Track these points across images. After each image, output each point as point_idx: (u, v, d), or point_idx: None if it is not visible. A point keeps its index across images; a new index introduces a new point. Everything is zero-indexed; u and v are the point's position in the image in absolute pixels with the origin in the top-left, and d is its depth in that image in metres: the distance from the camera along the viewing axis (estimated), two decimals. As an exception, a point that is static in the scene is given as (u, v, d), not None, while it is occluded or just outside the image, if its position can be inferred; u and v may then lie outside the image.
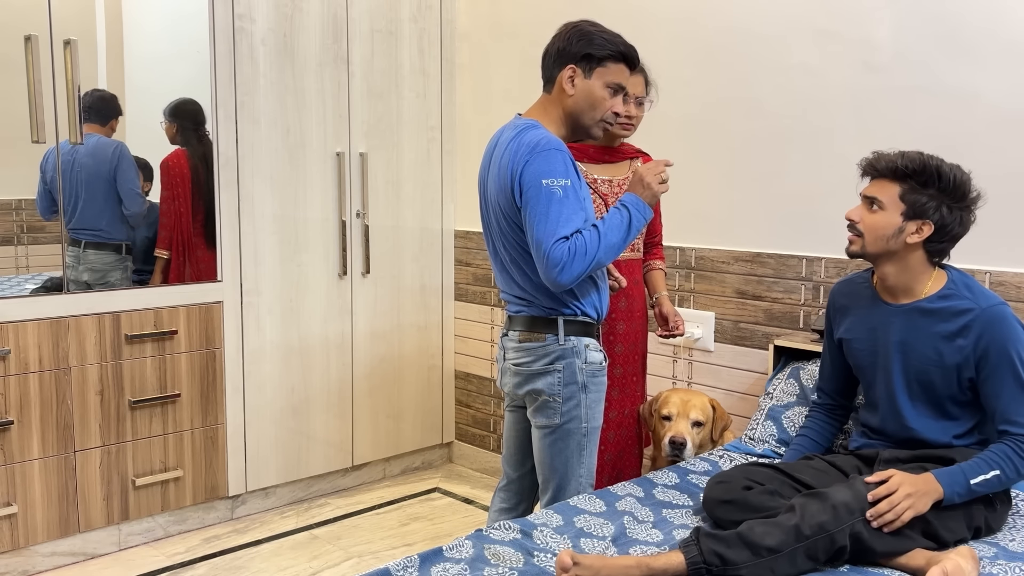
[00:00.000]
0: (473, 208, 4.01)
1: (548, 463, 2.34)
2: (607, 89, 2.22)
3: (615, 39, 2.22)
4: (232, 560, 3.16)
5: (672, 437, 2.63)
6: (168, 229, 3.29)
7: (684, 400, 2.70)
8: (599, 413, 2.34)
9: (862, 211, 2.15)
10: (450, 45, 3.98)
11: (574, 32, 2.23)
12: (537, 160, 2.12)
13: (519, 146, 2.16)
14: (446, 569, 1.88)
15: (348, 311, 3.73)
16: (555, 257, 2.08)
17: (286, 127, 3.47)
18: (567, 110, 2.24)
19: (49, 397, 3.00)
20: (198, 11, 3.22)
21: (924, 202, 2.06)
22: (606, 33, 2.22)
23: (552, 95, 2.26)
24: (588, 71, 2.21)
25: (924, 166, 2.06)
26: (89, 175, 3.11)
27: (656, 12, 3.29)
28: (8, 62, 2.87)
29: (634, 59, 2.25)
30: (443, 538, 3.29)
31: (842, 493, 1.93)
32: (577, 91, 2.22)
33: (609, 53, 2.20)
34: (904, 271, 2.14)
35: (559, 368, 2.27)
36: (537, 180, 2.11)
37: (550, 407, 2.29)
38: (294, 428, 3.61)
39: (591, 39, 2.20)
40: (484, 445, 4.08)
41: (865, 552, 1.91)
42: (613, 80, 2.22)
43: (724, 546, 1.85)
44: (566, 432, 2.30)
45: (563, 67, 2.22)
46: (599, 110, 2.23)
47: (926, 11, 2.65)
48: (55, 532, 3.05)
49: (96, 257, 3.15)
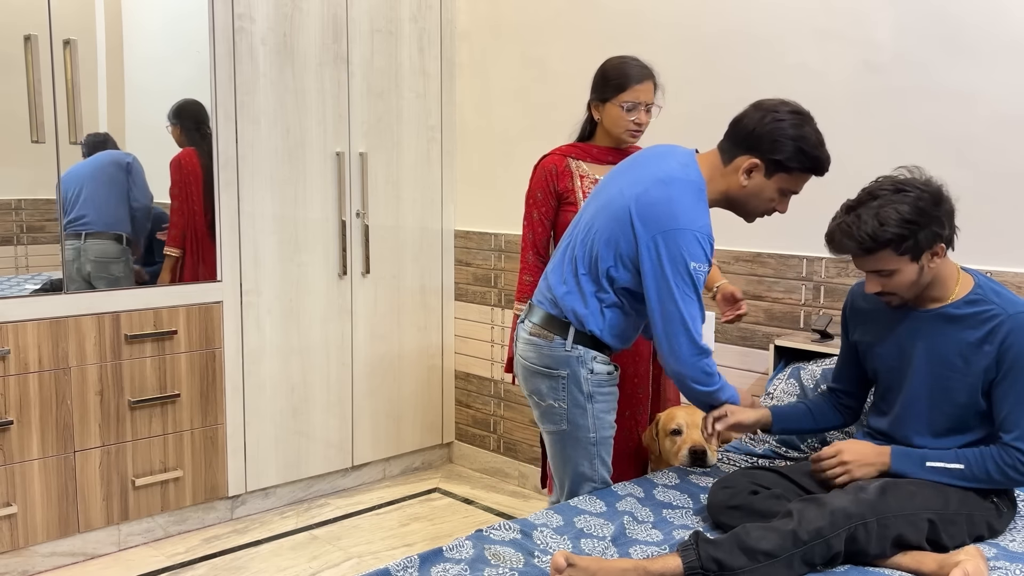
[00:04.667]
0: (473, 208, 4.01)
1: (560, 467, 2.35)
2: (779, 192, 2.14)
3: (812, 152, 2.08)
4: (232, 560, 3.16)
5: (692, 447, 2.58)
6: (180, 227, 3.30)
7: (689, 412, 2.68)
8: (610, 423, 2.32)
9: (878, 282, 2.07)
10: (450, 45, 3.98)
11: (777, 126, 2.07)
12: (694, 240, 2.08)
13: (679, 193, 2.11)
14: (446, 569, 1.88)
15: (348, 311, 3.73)
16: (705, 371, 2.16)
17: (286, 127, 3.46)
18: (732, 194, 2.15)
19: (49, 397, 3.00)
20: (198, 11, 3.22)
21: (920, 239, 1.99)
22: (806, 142, 2.07)
23: (725, 170, 2.14)
24: (770, 172, 2.10)
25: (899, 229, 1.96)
26: (95, 168, 3.14)
27: (656, 12, 3.29)
28: (8, 62, 2.87)
29: (824, 171, 2.13)
30: (443, 538, 3.29)
31: (840, 499, 1.93)
32: (751, 185, 2.12)
33: (799, 166, 2.09)
34: (935, 284, 2.09)
35: (563, 375, 2.25)
36: (681, 256, 2.08)
37: (555, 413, 2.28)
38: (294, 428, 3.61)
39: (788, 146, 2.06)
40: (484, 445, 4.08)
41: (860, 555, 1.90)
42: (791, 188, 2.14)
43: (722, 552, 1.84)
44: (573, 439, 2.29)
45: (746, 154, 2.10)
46: (763, 209, 2.17)
47: (926, 11, 2.65)
48: (55, 532, 3.05)
49: (98, 247, 3.16)
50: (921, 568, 1.89)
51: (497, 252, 3.91)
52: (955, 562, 1.84)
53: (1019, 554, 1.95)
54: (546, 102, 3.67)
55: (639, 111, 2.63)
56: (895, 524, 1.91)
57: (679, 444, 2.63)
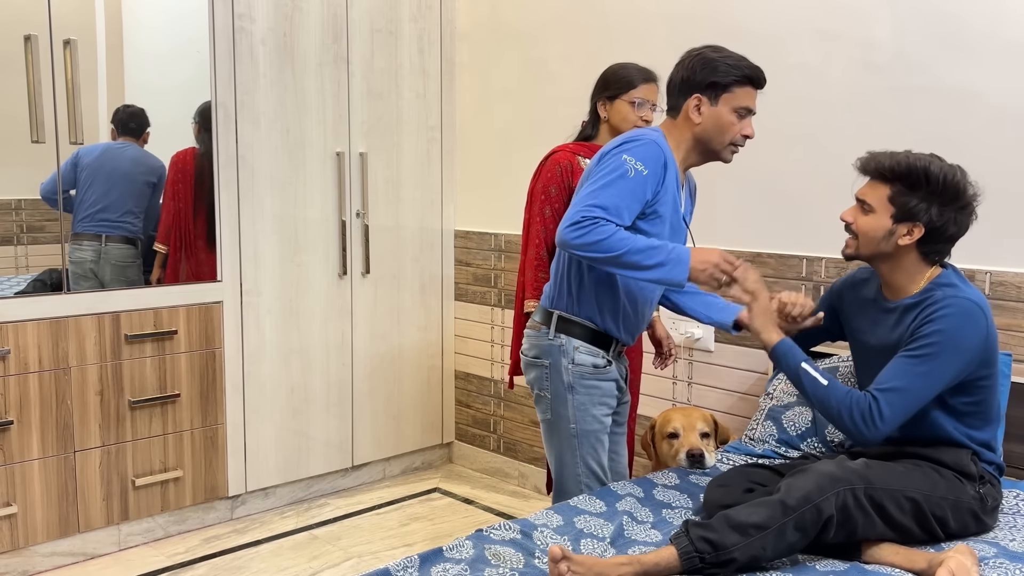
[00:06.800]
0: (473, 208, 4.01)
1: (548, 454, 2.43)
2: (734, 114, 2.19)
3: (739, 63, 2.18)
4: (232, 560, 3.16)
5: (690, 450, 2.59)
6: (167, 224, 3.31)
7: (686, 415, 2.69)
8: (594, 417, 2.33)
9: (855, 212, 2.13)
10: (450, 45, 3.98)
11: (697, 60, 2.19)
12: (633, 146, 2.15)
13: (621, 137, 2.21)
14: (446, 569, 1.88)
15: (348, 311, 3.73)
16: (579, 217, 2.05)
17: (286, 127, 3.46)
18: (696, 137, 2.22)
19: (49, 397, 3.00)
20: (198, 10, 3.22)
21: (913, 204, 2.03)
22: (730, 58, 2.18)
23: (678, 121, 2.24)
24: (714, 98, 2.18)
25: (911, 168, 2.03)
26: (126, 174, 3.21)
27: (656, 12, 3.29)
28: (8, 62, 2.87)
29: (760, 80, 2.21)
30: (443, 538, 3.29)
31: (826, 465, 1.94)
32: (704, 119, 2.20)
33: (734, 79, 2.17)
34: (898, 271, 2.12)
35: (545, 363, 2.31)
36: (618, 152, 2.14)
37: (542, 400, 2.36)
38: (294, 428, 3.61)
39: (715, 66, 2.17)
40: (484, 445, 4.08)
41: (850, 525, 1.89)
42: (740, 104, 2.19)
43: (712, 532, 1.85)
44: (556, 429, 2.35)
45: (688, 96, 2.20)
46: (728, 134, 2.21)
47: (926, 11, 2.65)
48: (55, 532, 3.05)
49: (119, 252, 3.20)
50: (913, 566, 1.90)
51: (497, 252, 3.91)
52: (940, 560, 1.85)
53: (1019, 554, 1.95)
54: (546, 102, 3.67)
55: (646, 108, 2.70)
56: (880, 496, 1.92)
57: (676, 447, 2.63)
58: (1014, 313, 2.52)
